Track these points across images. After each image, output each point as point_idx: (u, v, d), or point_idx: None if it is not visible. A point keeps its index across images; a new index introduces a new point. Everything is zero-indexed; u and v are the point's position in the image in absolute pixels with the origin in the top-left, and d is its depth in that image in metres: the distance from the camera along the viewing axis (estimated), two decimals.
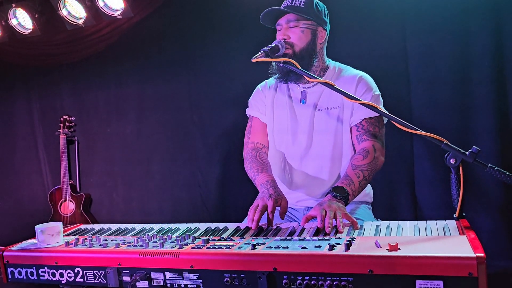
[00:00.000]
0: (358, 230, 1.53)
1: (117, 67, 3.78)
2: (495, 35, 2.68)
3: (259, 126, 2.18)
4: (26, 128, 4.19)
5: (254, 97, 2.23)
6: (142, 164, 3.81)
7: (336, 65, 2.11)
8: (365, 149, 1.91)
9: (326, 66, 2.08)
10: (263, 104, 2.17)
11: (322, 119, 2.03)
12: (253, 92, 2.24)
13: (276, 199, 1.76)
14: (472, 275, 1.11)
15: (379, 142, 1.96)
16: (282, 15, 1.99)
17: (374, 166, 1.88)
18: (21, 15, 3.51)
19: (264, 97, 2.18)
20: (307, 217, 1.65)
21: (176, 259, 1.40)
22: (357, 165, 1.86)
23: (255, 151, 2.12)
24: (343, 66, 2.12)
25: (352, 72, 2.07)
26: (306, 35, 1.98)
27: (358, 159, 1.88)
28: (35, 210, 4.15)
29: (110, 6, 3.31)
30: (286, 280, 1.28)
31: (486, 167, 1.41)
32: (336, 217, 1.58)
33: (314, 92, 2.06)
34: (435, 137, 1.49)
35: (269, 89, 2.18)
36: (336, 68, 2.09)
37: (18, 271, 1.64)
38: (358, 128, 1.98)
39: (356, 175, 1.83)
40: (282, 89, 2.14)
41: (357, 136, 1.98)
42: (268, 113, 2.15)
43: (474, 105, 2.75)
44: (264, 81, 2.24)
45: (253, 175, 2.02)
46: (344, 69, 2.09)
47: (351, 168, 1.86)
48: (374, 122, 1.97)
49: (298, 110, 2.08)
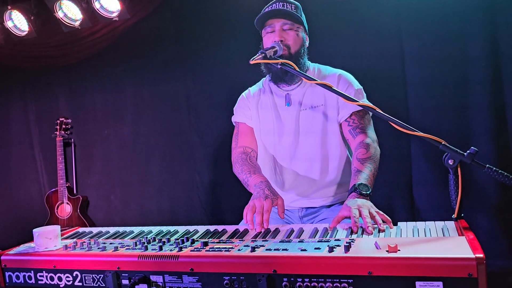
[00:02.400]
0: (357, 232, 1.51)
1: (114, 68, 3.76)
2: (491, 35, 2.68)
3: (246, 130, 2.22)
4: (22, 131, 4.17)
5: (239, 104, 2.27)
6: (140, 166, 3.80)
7: (316, 66, 2.17)
8: (363, 142, 1.93)
9: (307, 67, 2.12)
10: (248, 109, 2.21)
11: (307, 118, 2.07)
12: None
13: (273, 200, 1.76)
14: (471, 276, 1.11)
15: (372, 133, 2.01)
16: (274, 18, 2.02)
17: (377, 157, 1.92)
18: (17, 17, 3.50)
19: (248, 103, 2.22)
20: (338, 219, 1.62)
21: (175, 262, 1.40)
22: (364, 158, 1.87)
23: (245, 154, 2.14)
24: (322, 66, 2.17)
25: (332, 71, 2.13)
26: (300, 38, 2.06)
27: (362, 153, 1.89)
28: (32, 213, 4.13)
29: (107, 8, 3.29)
30: (286, 282, 1.28)
31: (484, 167, 1.41)
32: (373, 216, 1.55)
33: (297, 93, 2.10)
34: (433, 138, 1.50)
35: (252, 96, 2.22)
36: (315, 69, 2.15)
37: (16, 275, 1.63)
38: (349, 122, 2.01)
39: (368, 169, 1.83)
40: (266, 94, 2.18)
41: (350, 130, 2.00)
42: (254, 117, 2.19)
43: (471, 106, 2.76)
44: (248, 89, 2.29)
45: (245, 177, 2.02)
46: (323, 69, 2.15)
47: (360, 163, 1.86)
48: (362, 115, 2.02)
49: (283, 112, 2.12)
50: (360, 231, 1.51)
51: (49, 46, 3.80)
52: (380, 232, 1.49)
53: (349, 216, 1.58)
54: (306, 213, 2.12)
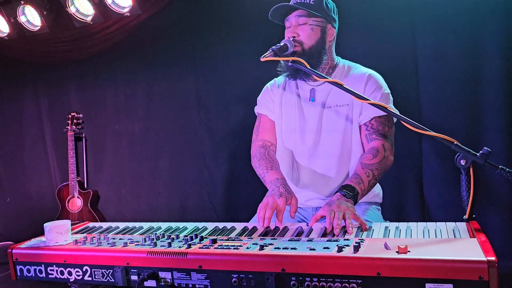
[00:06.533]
0: (367, 232, 1.51)
1: (125, 64, 3.78)
2: (506, 33, 2.64)
3: (267, 124, 2.17)
4: (34, 125, 4.22)
5: (263, 95, 2.22)
6: (150, 161, 3.82)
7: (346, 63, 2.09)
8: (375, 148, 1.89)
9: (335, 64, 2.06)
10: (271, 102, 2.16)
11: (331, 117, 2.02)
12: (261, 90, 2.24)
13: (287, 198, 1.76)
14: (482, 279, 1.10)
15: (389, 141, 1.95)
16: (292, 12, 1.98)
17: (383, 166, 1.87)
18: (30, 12, 3.53)
19: (273, 95, 2.17)
20: (316, 217, 1.64)
21: (184, 259, 1.40)
22: (367, 164, 1.85)
23: (264, 148, 2.11)
24: (352, 64, 2.10)
25: (361, 70, 2.05)
26: (315, 33, 1.97)
27: (368, 158, 1.87)
28: (43, 207, 4.18)
29: (118, 3, 3.30)
30: (294, 282, 1.27)
31: (497, 168, 1.39)
32: (345, 218, 1.57)
33: (323, 90, 2.05)
34: (445, 138, 1.47)
35: (278, 88, 2.17)
36: (345, 66, 2.07)
37: (27, 269, 1.65)
38: (368, 127, 1.96)
39: (366, 174, 1.81)
40: (291, 87, 2.13)
41: (367, 135, 1.96)
42: (277, 111, 2.14)
43: (484, 104, 2.71)
44: (273, 80, 2.23)
45: (262, 172, 2.01)
46: (353, 67, 2.08)
47: (361, 167, 1.84)
48: (383, 121, 1.95)
49: (306, 108, 2.07)
50: (370, 232, 1.50)
51: (61, 41, 3.83)
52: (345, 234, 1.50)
53: (325, 215, 1.61)
54: None
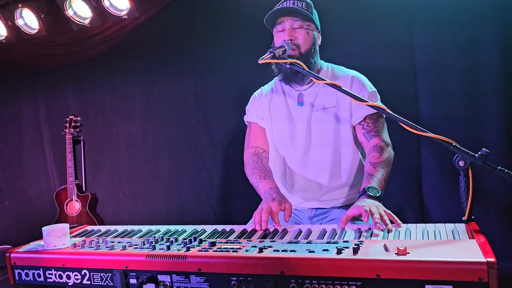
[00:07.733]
0: (366, 233, 1.50)
1: (123, 67, 3.78)
2: (504, 33, 2.63)
3: (258, 131, 2.20)
4: (32, 128, 4.21)
5: (251, 103, 2.25)
6: (148, 164, 3.82)
7: (329, 66, 2.13)
8: (378, 146, 1.92)
9: (320, 67, 2.10)
10: (260, 109, 2.20)
11: (319, 119, 2.05)
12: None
13: (280, 202, 1.77)
14: (482, 280, 1.10)
15: (385, 135, 2.00)
16: (286, 16, 2.00)
17: (390, 161, 1.91)
18: (27, 15, 3.52)
19: (261, 103, 2.20)
20: (347, 217, 1.61)
21: (183, 262, 1.40)
22: (376, 162, 1.87)
23: (256, 156, 2.12)
24: (335, 67, 2.14)
25: (345, 72, 2.09)
26: (310, 37, 2.02)
27: (375, 157, 1.89)
28: (42, 210, 4.17)
29: (116, 6, 3.30)
30: (294, 284, 1.27)
31: (496, 169, 1.39)
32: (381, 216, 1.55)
33: (310, 93, 2.08)
34: (443, 139, 1.47)
35: (265, 96, 2.21)
36: (329, 69, 2.12)
37: (25, 273, 1.64)
38: (364, 126, 1.99)
39: (380, 173, 1.83)
40: (278, 94, 2.16)
41: (364, 134, 1.99)
42: (266, 117, 2.17)
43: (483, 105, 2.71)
44: (260, 88, 2.27)
45: (255, 181, 2.03)
46: (337, 69, 2.12)
47: (373, 167, 1.86)
48: (376, 118, 2.00)
49: (295, 113, 2.10)
50: (369, 234, 1.49)
51: (59, 44, 3.82)
52: (389, 232, 1.48)
53: (357, 215, 1.59)
54: (316, 213, 2.10)
